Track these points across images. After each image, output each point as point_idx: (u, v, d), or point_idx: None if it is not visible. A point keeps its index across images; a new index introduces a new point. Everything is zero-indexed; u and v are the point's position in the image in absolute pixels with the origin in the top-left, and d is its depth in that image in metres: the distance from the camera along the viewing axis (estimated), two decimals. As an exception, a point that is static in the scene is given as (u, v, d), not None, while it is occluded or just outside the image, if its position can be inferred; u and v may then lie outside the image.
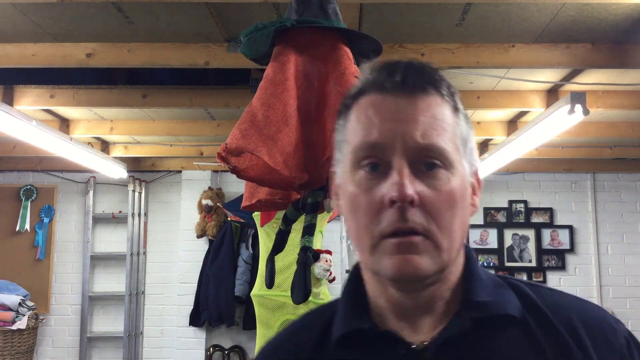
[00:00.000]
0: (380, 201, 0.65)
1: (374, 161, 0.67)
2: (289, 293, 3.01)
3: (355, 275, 0.76)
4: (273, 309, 3.15)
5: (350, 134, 0.71)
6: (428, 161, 0.66)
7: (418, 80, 0.68)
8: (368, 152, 0.67)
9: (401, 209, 0.64)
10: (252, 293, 3.24)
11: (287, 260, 2.98)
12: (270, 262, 1.18)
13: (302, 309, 3.12)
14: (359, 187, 0.68)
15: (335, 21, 1.14)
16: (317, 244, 3.27)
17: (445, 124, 0.68)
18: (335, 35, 1.14)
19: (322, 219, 3.03)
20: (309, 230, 1.11)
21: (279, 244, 1.17)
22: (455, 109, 0.71)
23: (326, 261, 4.84)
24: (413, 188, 0.64)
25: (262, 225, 2.63)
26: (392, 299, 0.70)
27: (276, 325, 3.14)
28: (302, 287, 1.07)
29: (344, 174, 0.72)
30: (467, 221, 0.70)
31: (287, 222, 1.17)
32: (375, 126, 0.67)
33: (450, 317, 0.70)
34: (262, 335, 3.18)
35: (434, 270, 0.66)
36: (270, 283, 1.19)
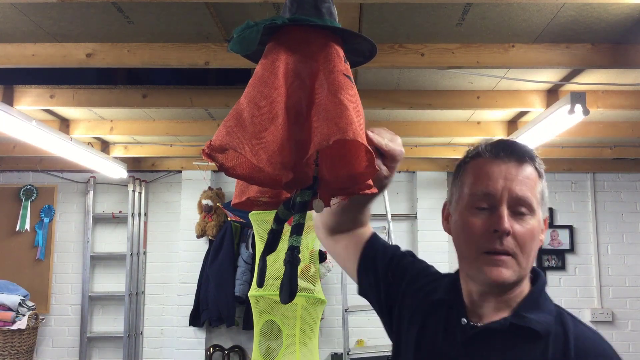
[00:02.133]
0: (487, 229, 1.01)
1: (484, 205, 1.02)
2: (267, 291, 3.02)
3: (456, 275, 1.16)
4: (259, 308, 3.15)
5: (467, 182, 1.06)
6: (519, 209, 1.01)
7: (521, 153, 1.04)
8: (482, 197, 1.03)
9: (500, 237, 0.99)
10: (249, 294, 3.25)
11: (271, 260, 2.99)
12: (262, 261, 1.17)
13: (287, 309, 3.13)
14: (472, 218, 1.03)
15: (328, 20, 1.13)
16: (313, 244, 3.27)
17: (533, 183, 1.03)
18: (327, 34, 1.13)
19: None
20: (297, 230, 1.10)
21: (272, 244, 1.16)
22: (540, 175, 1.05)
23: (329, 262, 4.85)
24: (509, 224, 1.00)
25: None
26: (472, 295, 1.08)
27: (260, 324, 3.14)
28: (287, 287, 1.07)
29: (459, 208, 1.07)
30: (537, 250, 1.04)
31: (279, 222, 1.16)
32: (490, 180, 1.03)
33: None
34: (255, 335, 3.18)
35: (514, 280, 1.02)
36: (260, 282, 1.18)
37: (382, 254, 1.27)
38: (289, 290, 1.06)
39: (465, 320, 1.07)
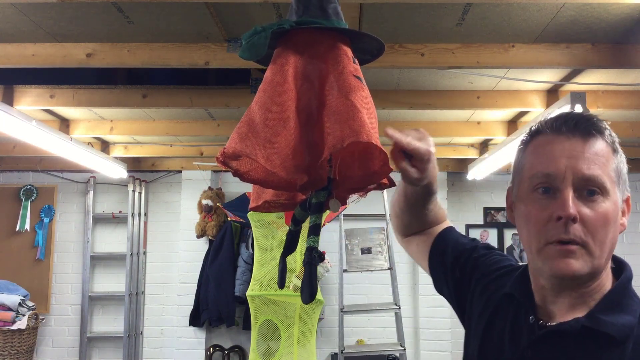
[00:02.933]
0: (550, 216, 0.88)
1: (547, 186, 0.90)
2: (266, 291, 3.03)
3: (526, 268, 1.04)
4: (256, 308, 3.15)
5: (528, 164, 0.95)
6: (589, 189, 0.88)
7: (587, 127, 0.91)
8: (543, 179, 0.91)
9: (565, 224, 0.87)
10: (247, 293, 3.25)
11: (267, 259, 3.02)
12: (282, 262, 1.18)
13: (286, 309, 3.13)
14: (533, 205, 0.92)
15: (335, 21, 1.13)
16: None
17: (604, 160, 0.91)
18: (335, 35, 1.14)
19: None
20: (314, 231, 1.10)
21: (290, 245, 1.17)
22: (614, 150, 0.94)
23: (327, 262, 4.85)
24: (575, 209, 0.87)
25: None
26: (543, 291, 0.96)
27: (258, 324, 3.15)
28: (307, 288, 1.08)
29: (519, 193, 0.96)
30: (616, 237, 0.92)
31: (296, 223, 1.17)
32: (550, 160, 0.90)
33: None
34: (253, 334, 3.18)
35: (586, 272, 0.89)
36: (281, 283, 1.19)
37: (452, 247, 1.20)
38: (309, 291, 1.07)
39: (533, 318, 0.96)
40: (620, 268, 0.96)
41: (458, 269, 1.17)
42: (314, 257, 1.08)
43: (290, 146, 1.02)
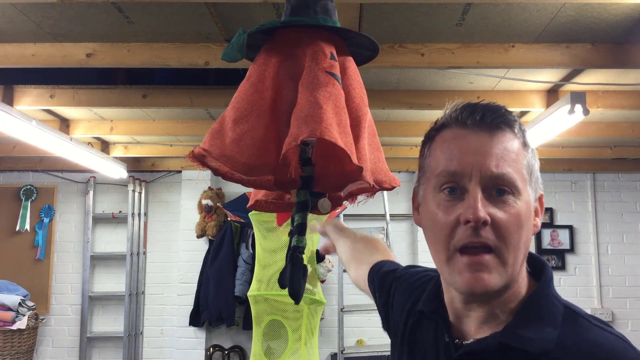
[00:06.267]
0: (457, 220, 0.78)
1: (453, 186, 0.80)
2: (276, 292, 3.03)
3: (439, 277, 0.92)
4: (259, 307, 3.15)
5: (433, 161, 0.84)
6: (499, 188, 0.78)
7: (494, 119, 0.81)
8: (448, 178, 0.80)
9: (475, 228, 0.76)
10: (249, 293, 3.25)
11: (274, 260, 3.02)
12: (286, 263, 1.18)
13: (292, 309, 3.13)
14: (439, 207, 0.81)
15: (321, 18, 1.12)
16: (314, 244, 3.27)
17: (514, 155, 0.80)
18: (319, 32, 1.13)
19: (319, 220, 3.03)
20: (298, 230, 1.10)
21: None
22: (525, 144, 0.82)
23: (329, 262, 4.85)
24: (485, 211, 0.76)
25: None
26: (455, 304, 0.86)
27: (263, 323, 3.14)
28: (290, 288, 1.08)
29: (425, 194, 0.86)
30: (529, 239, 0.81)
31: (293, 223, 1.17)
32: (455, 157, 0.80)
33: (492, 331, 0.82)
34: (255, 334, 3.18)
35: (501, 285, 0.78)
36: (282, 283, 1.19)
37: (378, 285, 1.19)
38: (291, 291, 1.07)
39: (448, 337, 0.86)
40: (538, 268, 0.86)
41: (378, 296, 1.15)
42: (296, 257, 1.08)
43: (256, 145, 1.01)
